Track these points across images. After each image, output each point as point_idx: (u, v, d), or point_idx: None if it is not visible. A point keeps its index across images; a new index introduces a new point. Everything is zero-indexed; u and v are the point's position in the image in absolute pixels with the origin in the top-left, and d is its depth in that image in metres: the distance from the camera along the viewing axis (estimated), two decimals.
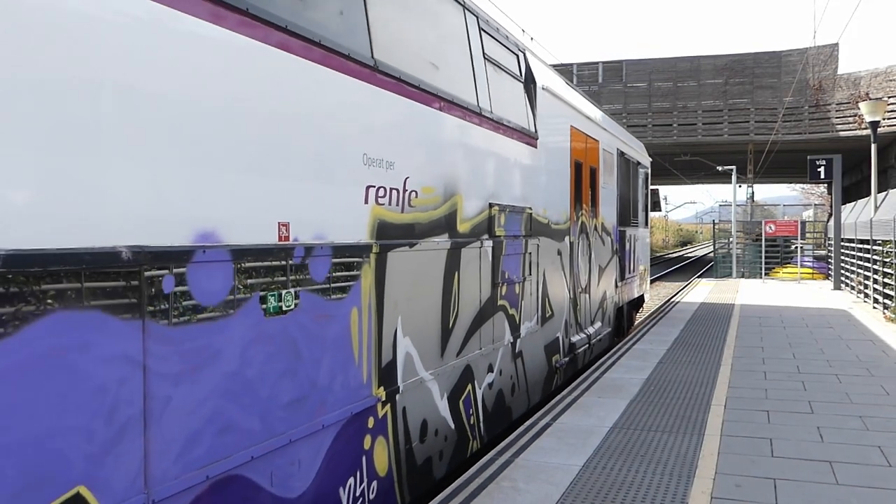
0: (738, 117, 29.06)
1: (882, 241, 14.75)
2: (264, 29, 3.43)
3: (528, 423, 6.39)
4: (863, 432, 6.08)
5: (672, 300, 17.94)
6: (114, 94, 2.66)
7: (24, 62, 2.35)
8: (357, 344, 4.28)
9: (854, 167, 31.22)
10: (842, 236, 20.56)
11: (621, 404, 7.03)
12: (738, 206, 31.10)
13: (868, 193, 18.66)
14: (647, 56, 45.40)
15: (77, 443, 2.53)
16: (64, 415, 2.48)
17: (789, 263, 25.81)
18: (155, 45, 2.84)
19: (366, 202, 4.32)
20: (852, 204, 21.67)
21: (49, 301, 2.42)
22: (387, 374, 4.62)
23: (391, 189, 4.60)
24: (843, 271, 20.39)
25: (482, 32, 6.40)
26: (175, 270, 2.91)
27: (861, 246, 17.33)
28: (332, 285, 4.01)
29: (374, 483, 4.52)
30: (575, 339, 9.40)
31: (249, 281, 3.36)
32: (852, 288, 18.59)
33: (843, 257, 20.38)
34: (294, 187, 3.67)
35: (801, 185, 56.54)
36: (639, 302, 15.47)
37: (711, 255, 32.79)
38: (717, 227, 30.55)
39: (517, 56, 7.44)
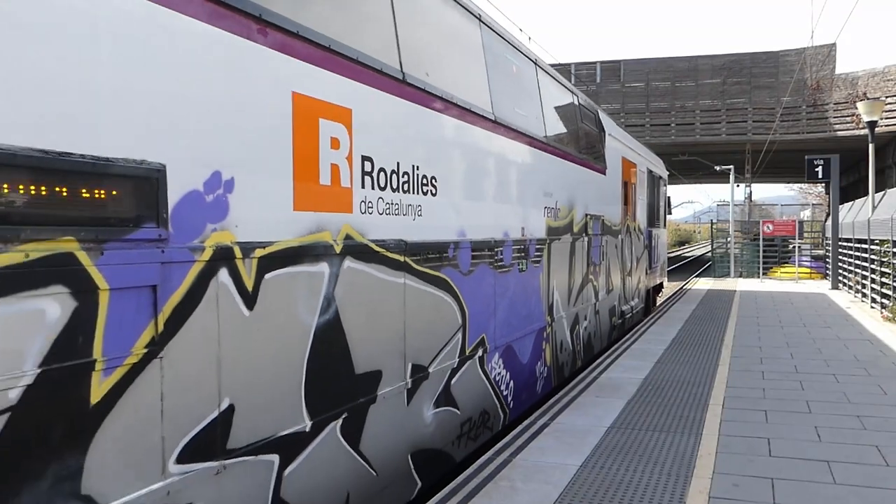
0: (736, 117, 29.09)
1: (879, 240, 14.77)
2: (541, 145, 7.90)
3: (525, 422, 6.39)
4: (861, 432, 6.08)
5: (672, 296, 17.98)
6: (517, 178, 7.17)
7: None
8: (542, 291, 8.12)
9: (852, 167, 31.27)
10: (839, 236, 20.58)
11: (619, 404, 7.03)
12: (735, 205, 31.15)
13: (866, 193, 18.68)
14: (645, 56, 45.37)
15: (502, 315, 6.84)
16: (488, 301, 6.49)
17: (787, 263, 25.85)
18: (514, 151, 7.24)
19: (544, 216, 8.10)
20: (850, 203, 21.68)
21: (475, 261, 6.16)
22: (550, 310, 8.47)
23: (552, 208, 8.37)
24: (840, 271, 20.42)
25: (581, 108, 10.28)
26: (497, 249, 6.63)
27: (859, 245, 17.35)
28: (536, 259, 7.79)
29: (545, 368, 8.37)
30: (623, 308, 13.15)
31: (515, 255, 7.11)
32: (850, 287, 18.61)
33: (840, 257, 20.41)
34: (527, 211, 7.49)
35: (799, 185, 56.62)
36: (659, 287, 18.85)
37: (709, 254, 32.81)
38: (714, 226, 30.58)
39: (595, 115, 11.15)
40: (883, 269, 14.39)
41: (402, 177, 4.85)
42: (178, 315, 3.07)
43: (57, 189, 2.58)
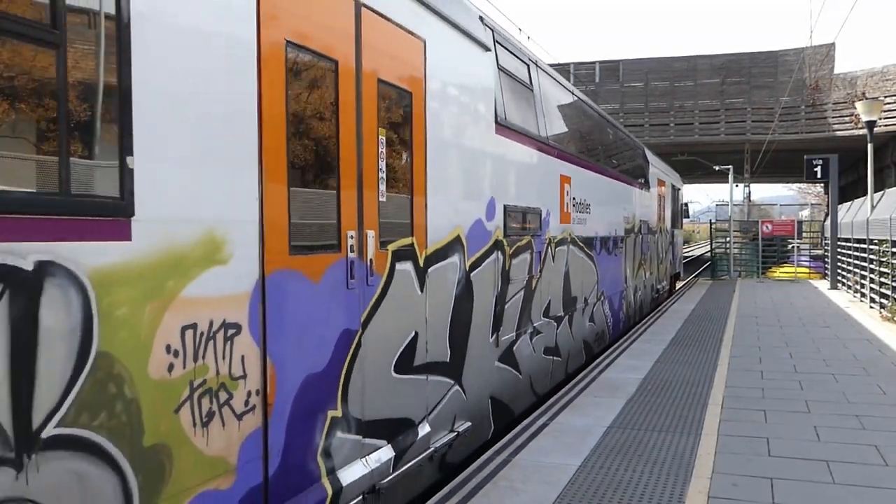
0: (735, 117, 29.09)
1: (878, 240, 14.77)
2: (625, 179, 13.18)
3: (525, 422, 6.38)
4: (860, 431, 6.08)
5: (671, 297, 18.02)
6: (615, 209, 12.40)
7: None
8: (622, 268, 12.73)
9: (850, 167, 31.26)
10: (838, 235, 20.59)
11: (618, 404, 7.03)
12: (735, 205, 31.14)
13: (864, 193, 18.69)
14: (644, 56, 45.35)
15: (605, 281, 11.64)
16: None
17: (786, 263, 25.84)
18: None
19: (623, 222, 12.68)
20: (849, 203, 21.69)
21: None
22: (625, 280, 13.02)
23: (626, 217, 12.93)
24: (839, 271, 20.42)
25: (638, 150, 14.94)
26: (607, 241, 11.37)
27: (857, 245, 17.36)
28: (619, 248, 12.36)
29: (622, 314, 12.78)
30: (658, 286, 17.89)
31: (613, 245, 11.84)
32: (849, 287, 18.62)
33: (839, 257, 20.41)
34: (619, 219, 12.28)
35: (798, 185, 56.63)
36: (677, 275, 23.67)
37: (708, 254, 32.84)
38: (713, 226, 30.58)
39: (643, 151, 15.89)
40: (882, 269, 14.39)
41: (582, 205, 9.63)
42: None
43: (528, 224, 7.36)
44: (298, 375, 3.67)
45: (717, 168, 32.87)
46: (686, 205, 25.64)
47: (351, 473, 4.11)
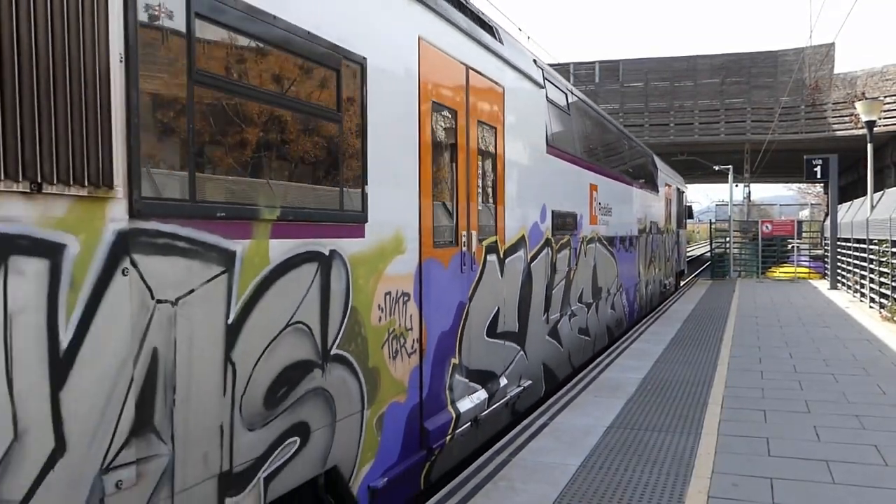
0: (735, 117, 29.08)
1: (878, 240, 14.77)
2: (638, 185, 14.56)
3: (525, 422, 6.39)
4: (859, 431, 6.09)
5: (677, 291, 18.05)
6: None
7: None
8: (636, 263, 14.27)
9: (850, 167, 31.26)
10: (838, 235, 20.59)
11: (618, 404, 7.03)
12: (734, 205, 31.13)
13: (864, 193, 18.68)
14: (644, 56, 45.34)
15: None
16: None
17: (786, 263, 25.84)
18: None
19: (637, 223, 14.16)
20: (848, 203, 21.69)
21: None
22: (638, 274, 14.60)
23: (640, 218, 14.50)
24: (839, 271, 20.43)
25: (650, 159, 16.62)
26: (624, 240, 12.87)
27: (857, 245, 17.36)
28: (636, 245, 14.13)
29: (636, 304, 14.42)
30: (665, 282, 19.04)
31: (628, 243, 13.32)
32: (849, 287, 18.62)
33: (839, 257, 20.42)
34: (634, 221, 13.78)
35: (798, 185, 56.61)
36: (682, 272, 24.82)
37: (708, 254, 32.85)
38: (713, 226, 30.58)
39: (653, 158, 17.23)
40: (881, 269, 14.40)
41: (605, 209, 10.98)
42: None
43: (568, 225, 9.00)
44: (437, 332, 5.30)
45: (716, 168, 32.87)
46: (690, 206, 27.35)
47: (463, 405, 5.71)
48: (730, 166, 31.65)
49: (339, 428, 4.10)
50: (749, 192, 32.65)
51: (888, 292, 13.85)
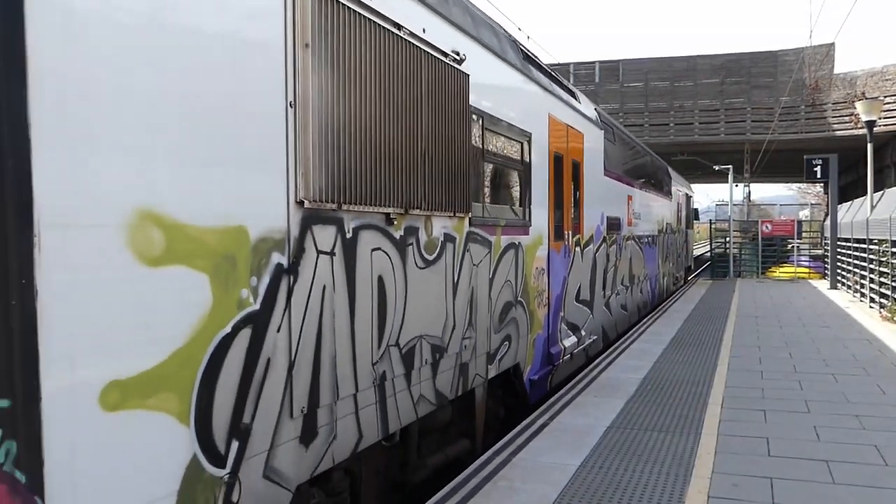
0: (735, 117, 29.07)
1: (878, 240, 14.77)
2: (661, 194, 18.01)
3: (525, 422, 6.38)
4: (859, 431, 6.08)
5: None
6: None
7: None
8: (657, 258, 17.16)
9: (850, 167, 31.26)
10: (838, 235, 20.59)
11: (618, 404, 7.02)
12: (734, 205, 31.13)
13: (864, 193, 18.68)
14: (644, 56, 45.30)
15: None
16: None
17: (786, 263, 25.84)
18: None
19: (656, 225, 17.03)
20: (848, 203, 21.69)
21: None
22: (659, 267, 17.59)
23: (658, 221, 17.42)
24: (839, 271, 20.42)
25: (666, 170, 19.47)
26: (648, 238, 15.87)
27: (857, 245, 17.36)
28: (656, 243, 17.01)
29: (656, 292, 17.32)
30: (676, 275, 21.82)
31: (651, 240, 16.25)
32: (849, 287, 18.62)
33: (839, 256, 20.41)
34: (654, 222, 16.73)
35: (798, 185, 56.61)
36: (689, 268, 26.58)
37: (708, 254, 32.85)
38: (713, 226, 30.58)
39: (667, 168, 19.57)
40: (881, 269, 14.39)
41: (636, 214, 13.86)
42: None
43: (615, 227, 12.09)
44: (554, 294, 8.26)
45: (716, 168, 32.85)
46: (696, 209, 30.33)
47: (566, 342, 8.72)
48: (730, 166, 31.64)
49: (520, 342, 7.07)
50: (749, 192, 32.65)
51: (888, 292, 13.85)
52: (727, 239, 27.30)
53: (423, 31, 4.74)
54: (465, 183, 5.36)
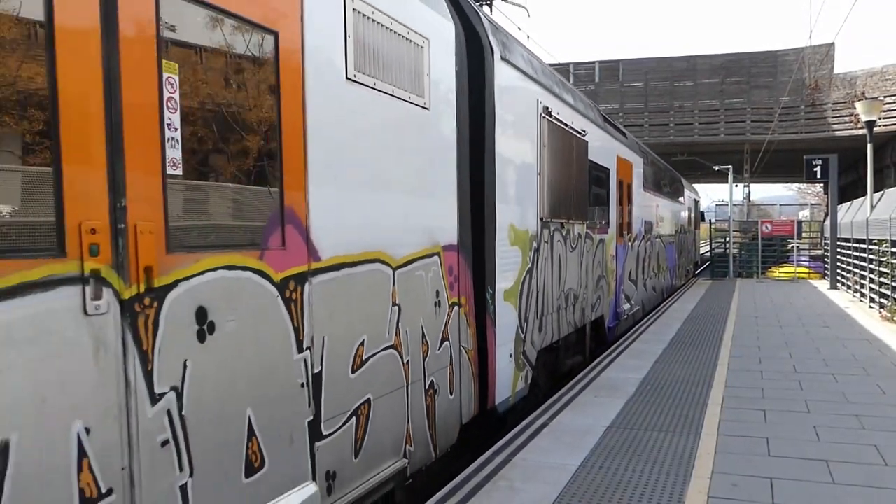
0: (735, 117, 29.08)
1: (878, 240, 14.77)
2: (679, 201, 22.42)
3: (525, 422, 6.39)
4: (859, 431, 6.09)
5: (671, 296, 18.10)
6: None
7: None
8: (673, 253, 20.53)
9: (850, 167, 31.27)
10: (838, 235, 20.59)
11: (618, 403, 7.03)
12: (734, 205, 31.13)
13: (864, 193, 18.69)
14: (644, 56, 45.30)
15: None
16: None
17: (786, 263, 25.84)
18: None
19: (673, 226, 20.50)
20: (848, 203, 21.70)
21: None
22: (675, 260, 21.03)
23: (675, 222, 20.96)
24: (839, 271, 20.43)
25: (680, 180, 22.76)
26: (669, 236, 19.71)
27: (857, 245, 17.36)
28: (673, 241, 20.50)
29: (673, 281, 20.63)
30: (687, 268, 24.66)
31: (671, 238, 20.02)
32: (849, 287, 18.62)
33: (839, 257, 20.42)
34: (673, 223, 20.49)
35: (798, 185, 56.61)
36: (697, 263, 29.56)
37: (708, 254, 32.89)
38: (713, 226, 30.60)
39: (678, 175, 22.92)
40: (881, 269, 14.40)
41: (660, 217, 17.29)
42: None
43: (649, 228, 15.98)
44: (618, 273, 11.82)
45: (716, 168, 32.85)
46: (703, 212, 33.68)
47: (622, 308, 12.19)
48: (730, 166, 31.65)
49: (603, 301, 10.59)
50: (749, 192, 32.66)
51: (888, 292, 13.86)
52: (727, 239, 27.30)
53: (584, 131, 9.05)
54: (585, 204, 9.21)
